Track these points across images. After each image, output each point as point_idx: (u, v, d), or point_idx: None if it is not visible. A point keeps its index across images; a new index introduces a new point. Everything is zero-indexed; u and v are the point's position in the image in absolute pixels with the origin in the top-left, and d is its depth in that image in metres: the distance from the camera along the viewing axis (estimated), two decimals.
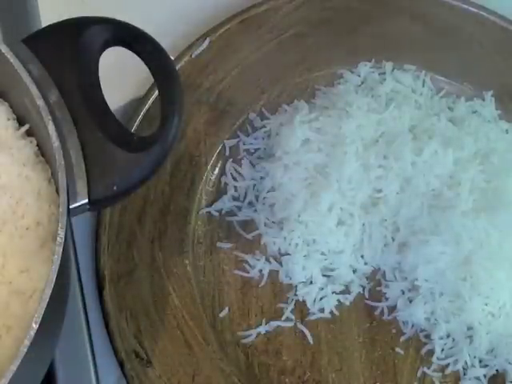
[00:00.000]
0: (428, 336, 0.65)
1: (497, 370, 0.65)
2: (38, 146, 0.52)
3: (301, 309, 0.66)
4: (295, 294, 0.66)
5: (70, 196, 0.48)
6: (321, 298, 0.66)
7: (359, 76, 0.73)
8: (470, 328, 0.65)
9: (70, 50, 0.52)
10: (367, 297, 0.67)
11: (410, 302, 0.65)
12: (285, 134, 0.68)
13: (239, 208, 0.68)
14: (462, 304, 0.64)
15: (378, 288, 0.67)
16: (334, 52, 0.73)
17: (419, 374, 0.64)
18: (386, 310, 0.66)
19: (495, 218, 0.65)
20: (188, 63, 0.71)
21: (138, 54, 0.54)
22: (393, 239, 0.66)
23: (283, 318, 0.65)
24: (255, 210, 0.68)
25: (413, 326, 0.66)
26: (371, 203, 0.66)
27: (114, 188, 0.50)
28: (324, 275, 0.66)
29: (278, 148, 0.68)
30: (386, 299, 0.67)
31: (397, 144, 0.66)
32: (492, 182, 0.67)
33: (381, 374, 0.64)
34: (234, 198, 0.69)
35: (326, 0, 0.75)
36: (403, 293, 0.66)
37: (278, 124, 0.70)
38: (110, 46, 0.54)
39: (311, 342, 0.64)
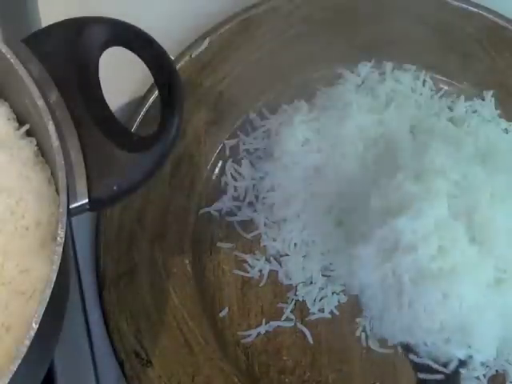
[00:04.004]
0: None
1: (497, 371, 0.65)
2: (37, 145, 0.52)
3: (301, 309, 0.65)
4: (295, 294, 0.66)
5: (70, 196, 0.48)
6: (321, 298, 0.66)
7: (359, 76, 0.73)
8: None
9: (70, 50, 0.52)
10: None
11: None
12: (284, 133, 0.68)
13: (239, 208, 0.68)
14: None
15: None
16: (334, 52, 0.73)
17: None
18: None
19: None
20: (188, 63, 0.71)
21: (138, 54, 0.54)
22: None
23: (283, 318, 0.65)
24: (255, 210, 0.68)
25: None
26: None
27: (114, 188, 0.50)
28: (324, 275, 0.66)
29: (278, 148, 0.68)
30: None
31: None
32: None
33: (381, 374, 0.64)
34: (234, 198, 0.69)
35: (326, 0, 0.75)
36: None
37: (277, 124, 0.70)
38: (110, 46, 0.54)
39: (311, 341, 0.64)
